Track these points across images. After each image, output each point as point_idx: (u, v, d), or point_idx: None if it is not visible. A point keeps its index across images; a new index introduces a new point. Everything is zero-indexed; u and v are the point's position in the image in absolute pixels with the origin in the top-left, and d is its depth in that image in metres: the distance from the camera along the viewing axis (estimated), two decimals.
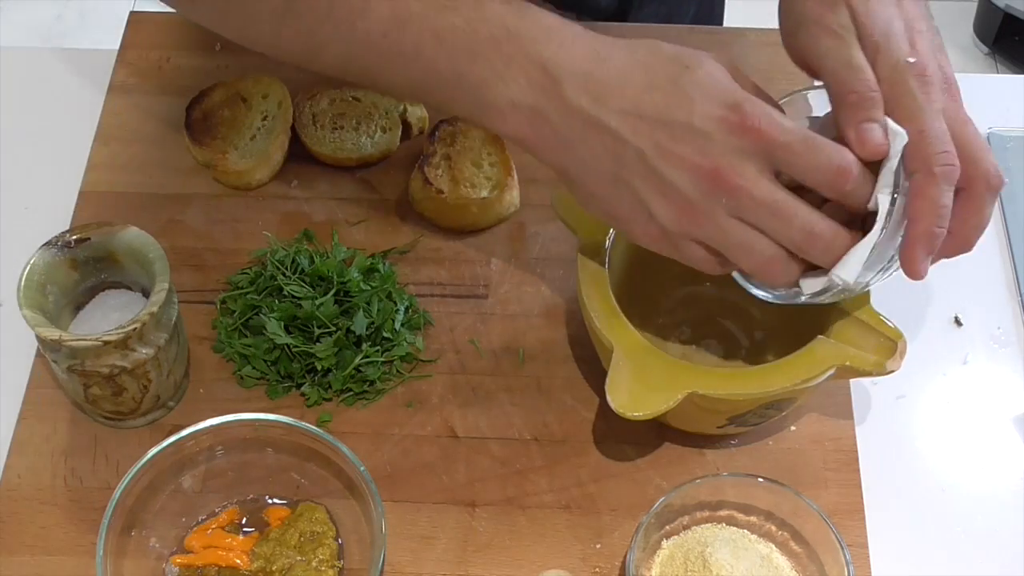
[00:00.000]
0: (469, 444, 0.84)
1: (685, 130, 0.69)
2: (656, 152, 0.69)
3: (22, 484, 0.82)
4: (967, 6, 2.43)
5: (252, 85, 0.99)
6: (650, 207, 0.71)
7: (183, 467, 0.79)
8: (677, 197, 0.70)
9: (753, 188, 0.68)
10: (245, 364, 0.86)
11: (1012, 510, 0.82)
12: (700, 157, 0.68)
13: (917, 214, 0.70)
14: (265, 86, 0.98)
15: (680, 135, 0.69)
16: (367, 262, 0.89)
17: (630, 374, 0.75)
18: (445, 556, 0.79)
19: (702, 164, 0.68)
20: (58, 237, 0.81)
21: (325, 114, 0.98)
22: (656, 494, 0.80)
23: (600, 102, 0.70)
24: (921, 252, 0.70)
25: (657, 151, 0.69)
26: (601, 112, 0.70)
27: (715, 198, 0.69)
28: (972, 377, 0.88)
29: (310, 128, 0.97)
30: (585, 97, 0.70)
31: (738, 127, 0.68)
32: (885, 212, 0.70)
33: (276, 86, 0.98)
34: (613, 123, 0.70)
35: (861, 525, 0.80)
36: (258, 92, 0.98)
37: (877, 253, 0.71)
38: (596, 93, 0.70)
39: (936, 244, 0.70)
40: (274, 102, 0.98)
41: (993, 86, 1.13)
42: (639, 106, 0.69)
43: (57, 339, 0.76)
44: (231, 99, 0.98)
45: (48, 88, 1.04)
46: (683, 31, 1.06)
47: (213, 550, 0.78)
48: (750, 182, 0.68)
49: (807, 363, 0.76)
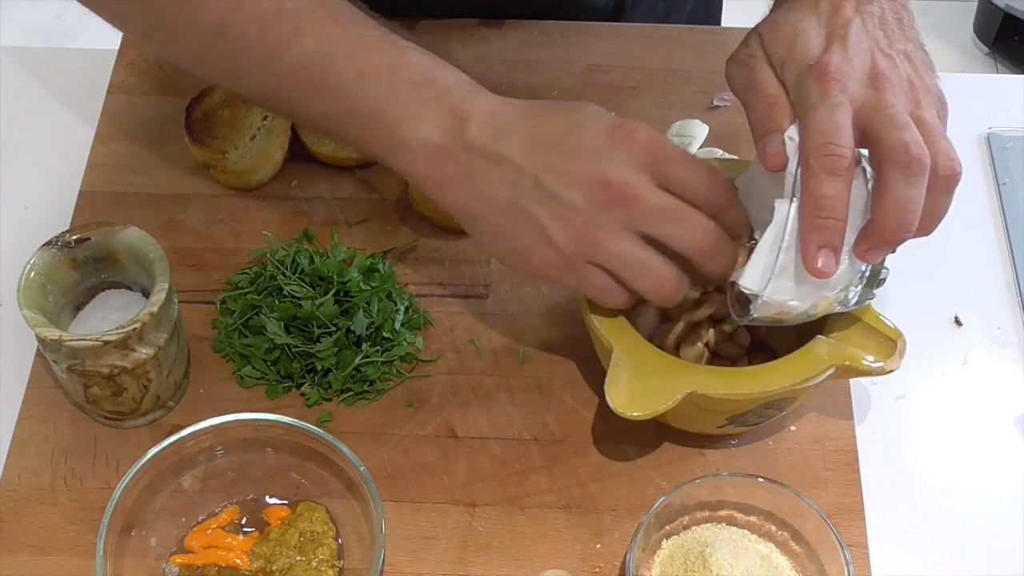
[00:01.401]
0: (469, 444, 0.84)
1: (577, 150, 0.72)
2: (551, 175, 0.72)
3: (22, 484, 0.82)
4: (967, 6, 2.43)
5: None
6: (548, 231, 0.73)
7: (183, 467, 0.79)
8: (574, 217, 0.72)
9: (646, 196, 0.72)
10: (245, 364, 0.86)
11: (1012, 510, 0.82)
12: (592, 173, 0.72)
13: (803, 207, 0.70)
14: None
15: (572, 155, 0.72)
16: (367, 262, 0.89)
17: (630, 374, 0.75)
18: (445, 556, 0.79)
19: (594, 179, 0.72)
20: (58, 237, 0.81)
21: None
22: (656, 494, 0.80)
23: (499, 137, 0.74)
24: (811, 245, 0.69)
25: (552, 174, 0.72)
26: (499, 146, 0.74)
27: (610, 212, 0.72)
28: (972, 377, 0.88)
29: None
30: (486, 134, 0.74)
31: (626, 141, 0.72)
32: (783, 217, 0.70)
33: None
34: (510, 154, 0.73)
35: (861, 525, 0.80)
36: None
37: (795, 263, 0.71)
38: (496, 131, 0.74)
39: (830, 235, 0.69)
40: None
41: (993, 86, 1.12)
42: (535, 137, 0.73)
43: (57, 339, 0.76)
44: (231, 99, 0.98)
45: (48, 88, 1.04)
46: (683, 31, 1.07)
47: (213, 550, 0.78)
48: (641, 191, 0.72)
49: (807, 363, 0.76)
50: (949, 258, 0.92)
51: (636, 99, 1.02)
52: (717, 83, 1.02)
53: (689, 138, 0.97)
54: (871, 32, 0.74)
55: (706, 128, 0.98)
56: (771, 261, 0.71)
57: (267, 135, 0.96)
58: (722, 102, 1.01)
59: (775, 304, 0.72)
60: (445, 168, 0.75)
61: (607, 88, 1.02)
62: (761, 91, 0.74)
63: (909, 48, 0.74)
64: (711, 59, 1.04)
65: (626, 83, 1.03)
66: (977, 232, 0.95)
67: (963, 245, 0.94)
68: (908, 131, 0.69)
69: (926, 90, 0.72)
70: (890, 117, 0.69)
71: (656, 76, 1.03)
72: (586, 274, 0.74)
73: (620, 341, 0.77)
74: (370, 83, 0.75)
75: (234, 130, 0.97)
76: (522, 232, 0.74)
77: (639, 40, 1.05)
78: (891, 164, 0.68)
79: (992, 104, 1.02)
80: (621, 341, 0.77)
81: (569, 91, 1.02)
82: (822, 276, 0.70)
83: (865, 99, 0.70)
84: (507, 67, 1.02)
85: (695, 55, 1.04)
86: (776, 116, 0.73)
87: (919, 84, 0.72)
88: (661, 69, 1.03)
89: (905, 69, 0.73)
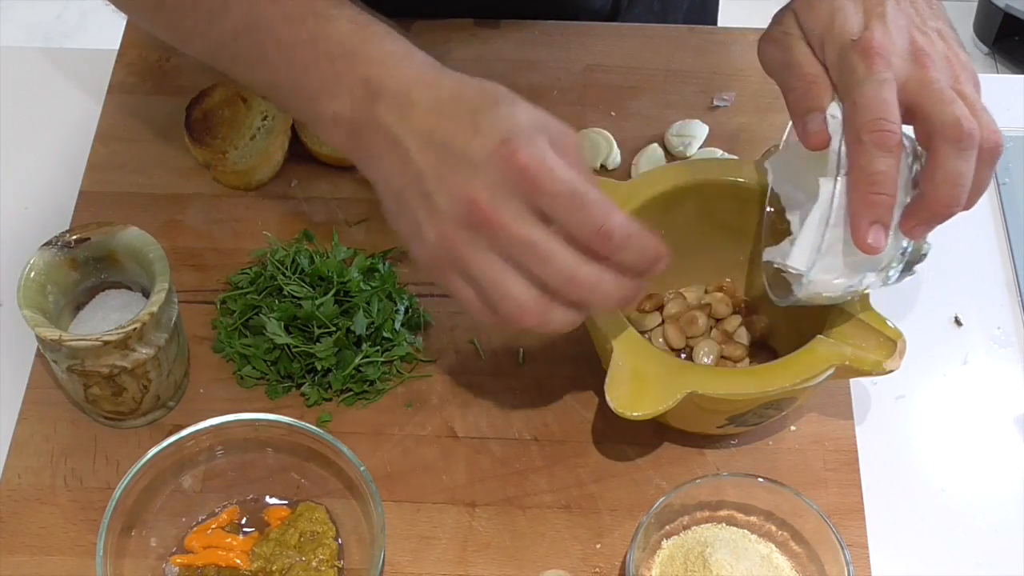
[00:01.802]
0: (469, 444, 0.84)
1: (459, 158, 0.68)
2: (432, 175, 0.69)
3: (22, 484, 0.82)
4: (967, 6, 2.43)
5: None
6: (421, 228, 0.71)
7: (183, 467, 0.79)
8: (442, 223, 0.69)
9: (509, 225, 0.67)
10: (245, 364, 0.86)
11: (1012, 510, 0.82)
12: (464, 186, 0.68)
13: (853, 183, 0.70)
14: None
15: (453, 162, 0.69)
16: (367, 262, 0.89)
17: (630, 374, 0.75)
18: (445, 556, 0.79)
19: (463, 194, 0.68)
20: (58, 237, 0.81)
21: None
22: (656, 494, 0.80)
23: (404, 121, 0.71)
24: (863, 221, 0.69)
25: (432, 173, 0.69)
26: (401, 130, 0.71)
27: (474, 231, 0.68)
28: (972, 377, 0.88)
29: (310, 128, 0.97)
30: (393, 115, 0.71)
31: (506, 162, 0.67)
32: (828, 195, 0.70)
33: None
34: (407, 142, 0.70)
35: (861, 525, 0.80)
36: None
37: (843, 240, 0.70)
38: (403, 113, 0.71)
39: (882, 211, 0.69)
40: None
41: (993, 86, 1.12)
42: (433, 129, 0.70)
43: (57, 339, 0.76)
44: (231, 99, 0.98)
45: (48, 88, 1.04)
46: (683, 31, 1.07)
47: (213, 550, 0.78)
48: (506, 218, 0.67)
49: (807, 363, 0.76)
50: (949, 258, 0.92)
51: (636, 99, 1.02)
52: (717, 83, 1.02)
53: (689, 138, 0.97)
54: (905, 10, 0.74)
55: (706, 128, 0.98)
56: (818, 240, 0.71)
57: (267, 135, 0.96)
58: (722, 102, 1.01)
59: (820, 283, 0.73)
60: (357, 143, 0.73)
61: (607, 88, 1.02)
62: (799, 69, 0.73)
63: (940, 25, 0.75)
64: (711, 59, 1.04)
65: (626, 83, 1.03)
66: (977, 232, 0.95)
67: (963, 245, 0.94)
68: (957, 106, 0.70)
69: (962, 66, 0.73)
70: (937, 92, 0.70)
71: (656, 76, 1.03)
72: (453, 283, 0.71)
73: (620, 341, 0.77)
74: (288, 56, 0.74)
75: (234, 130, 0.97)
76: (405, 220, 0.72)
77: (639, 40, 1.05)
78: (942, 139, 0.69)
79: (992, 104, 1.00)
80: (621, 341, 0.77)
81: (569, 91, 1.02)
82: (873, 252, 0.70)
83: (909, 75, 0.71)
84: (507, 67, 1.02)
85: (695, 55, 1.04)
86: (817, 94, 0.72)
87: (955, 60, 0.73)
88: (661, 69, 1.03)
89: (940, 46, 0.73)
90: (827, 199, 0.71)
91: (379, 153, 0.72)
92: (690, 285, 0.89)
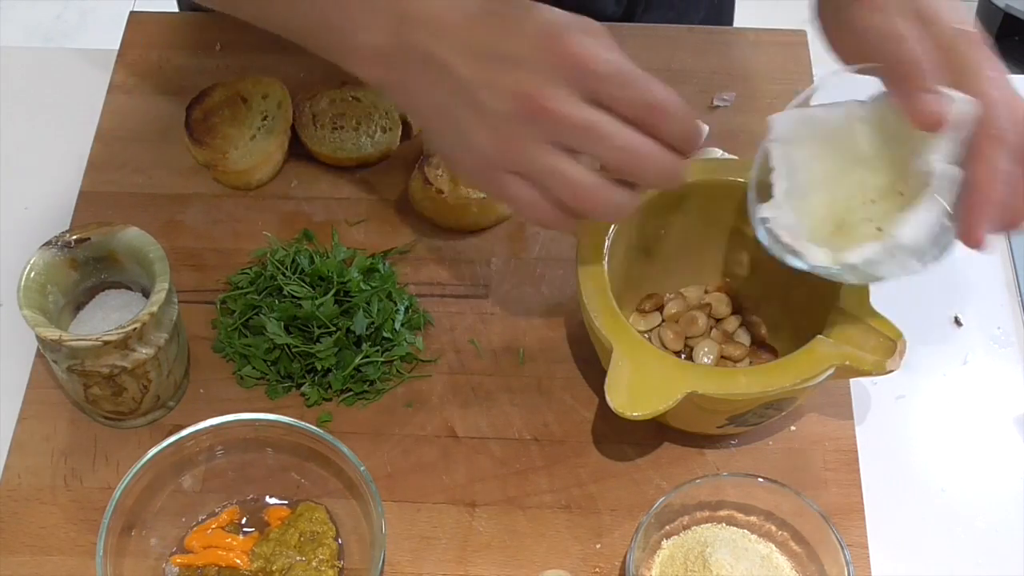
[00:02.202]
0: (469, 444, 0.84)
1: (504, 58, 0.70)
2: (477, 80, 0.71)
3: (22, 484, 0.82)
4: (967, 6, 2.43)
5: (252, 85, 0.99)
6: (471, 137, 0.72)
7: (183, 467, 0.79)
8: (494, 123, 0.71)
9: (566, 109, 0.69)
10: (245, 364, 0.86)
11: (1012, 510, 0.82)
12: (515, 83, 0.70)
13: (981, 181, 0.69)
14: (265, 86, 0.98)
15: (499, 63, 0.71)
16: (367, 262, 0.89)
17: (630, 374, 0.75)
18: (445, 556, 0.79)
19: (516, 89, 0.70)
20: (58, 237, 0.81)
21: (325, 114, 0.98)
22: (656, 494, 0.80)
23: (440, 40, 0.72)
24: (982, 218, 0.70)
25: (478, 79, 0.71)
26: (438, 48, 0.72)
27: (530, 123, 0.70)
28: (972, 377, 0.88)
29: (310, 128, 0.97)
30: (429, 36, 0.72)
31: (553, 52, 0.69)
32: (944, 179, 0.70)
33: (276, 86, 0.98)
34: (447, 57, 0.72)
35: (861, 525, 0.80)
36: (258, 92, 0.98)
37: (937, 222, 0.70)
38: (437, 32, 0.72)
39: (999, 213, 0.70)
40: (274, 102, 0.98)
41: None
42: (470, 40, 0.72)
43: (57, 339, 0.76)
44: (231, 99, 0.98)
45: (48, 88, 1.04)
46: (683, 31, 1.06)
47: (213, 550, 0.78)
48: (562, 104, 0.69)
49: (807, 363, 0.76)
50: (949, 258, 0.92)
51: None
52: (717, 83, 1.02)
53: None
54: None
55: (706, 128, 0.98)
56: (927, 220, 0.70)
57: (267, 135, 0.96)
58: (722, 102, 1.01)
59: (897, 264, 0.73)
60: (392, 72, 0.74)
61: None
62: (908, 43, 0.71)
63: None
64: (711, 59, 1.04)
65: None
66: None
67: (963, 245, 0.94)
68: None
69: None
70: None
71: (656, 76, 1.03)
72: (507, 183, 0.72)
73: (620, 341, 0.77)
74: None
75: (234, 130, 0.97)
76: (449, 134, 0.73)
77: (639, 40, 1.05)
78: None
79: None
80: (621, 341, 0.77)
81: None
82: (980, 248, 0.71)
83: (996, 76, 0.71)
84: None
85: (695, 55, 1.04)
86: (930, 73, 0.71)
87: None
88: (661, 69, 1.03)
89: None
90: (943, 183, 0.70)
91: (416, 76, 0.73)
92: (690, 285, 0.89)
